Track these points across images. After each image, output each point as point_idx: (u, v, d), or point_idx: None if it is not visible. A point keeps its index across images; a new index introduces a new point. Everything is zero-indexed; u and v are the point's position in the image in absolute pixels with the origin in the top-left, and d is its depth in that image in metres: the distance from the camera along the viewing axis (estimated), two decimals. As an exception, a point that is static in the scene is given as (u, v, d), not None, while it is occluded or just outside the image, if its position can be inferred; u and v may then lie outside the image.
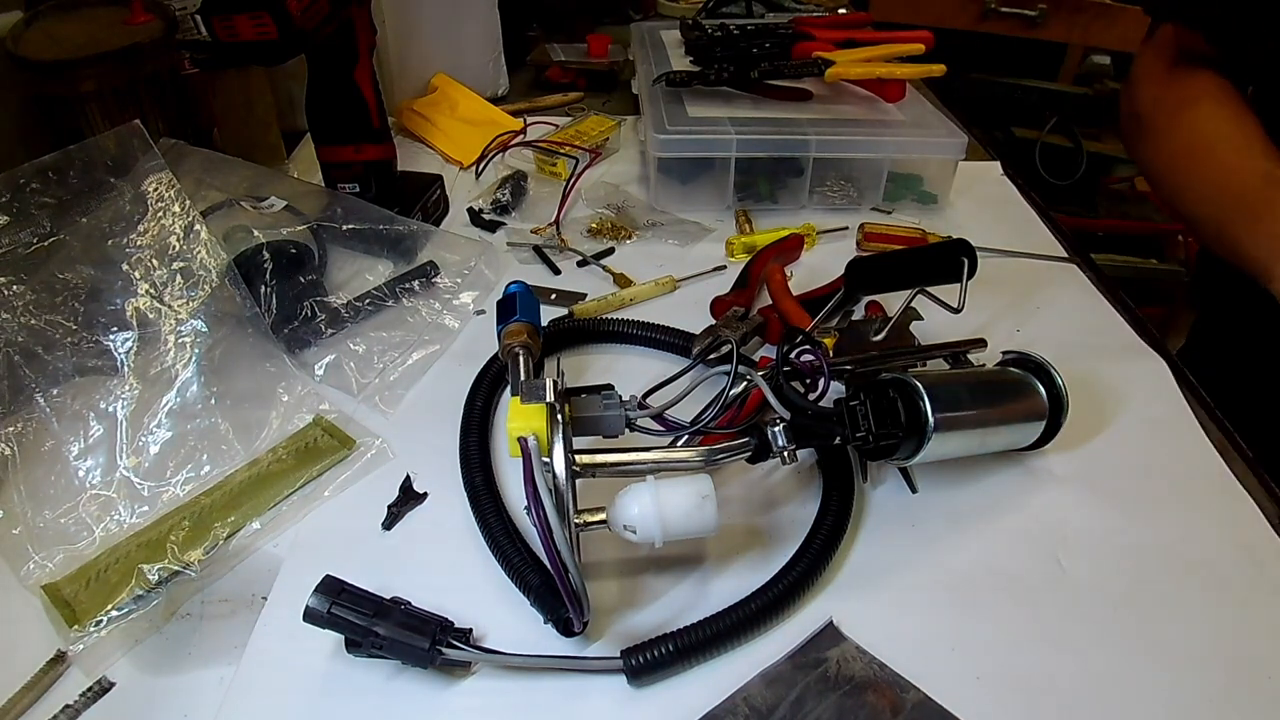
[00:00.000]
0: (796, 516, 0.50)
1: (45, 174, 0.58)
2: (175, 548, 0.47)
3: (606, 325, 0.64)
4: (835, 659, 0.42)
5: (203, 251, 0.60)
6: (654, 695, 0.41)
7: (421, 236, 0.72)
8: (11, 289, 0.55)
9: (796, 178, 0.81)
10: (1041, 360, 0.52)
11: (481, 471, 0.51)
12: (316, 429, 0.56)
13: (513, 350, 0.53)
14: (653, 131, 0.78)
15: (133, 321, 0.57)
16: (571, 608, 0.40)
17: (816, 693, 0.40)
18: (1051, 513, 0.50)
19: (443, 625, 0.41)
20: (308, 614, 0.39)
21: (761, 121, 0.80)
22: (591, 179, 0.88)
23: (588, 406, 0.47)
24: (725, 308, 0.63)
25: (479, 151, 0.91)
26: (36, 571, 0.47)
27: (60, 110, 0.69)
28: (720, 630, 0.42)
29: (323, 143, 0.73)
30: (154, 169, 0.61)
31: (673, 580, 0.46)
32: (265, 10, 0.58)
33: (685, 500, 0.41)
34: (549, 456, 0.41)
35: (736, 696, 0.40)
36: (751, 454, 0.45)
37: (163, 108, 0.73)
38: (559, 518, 0.38)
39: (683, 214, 0.81)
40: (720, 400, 0.49)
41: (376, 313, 0.66)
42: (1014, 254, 0.74)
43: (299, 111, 0.81)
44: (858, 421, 0.46)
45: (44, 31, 0.72)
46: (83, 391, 0.55)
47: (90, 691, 0.41)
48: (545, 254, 0.75)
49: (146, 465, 0.52)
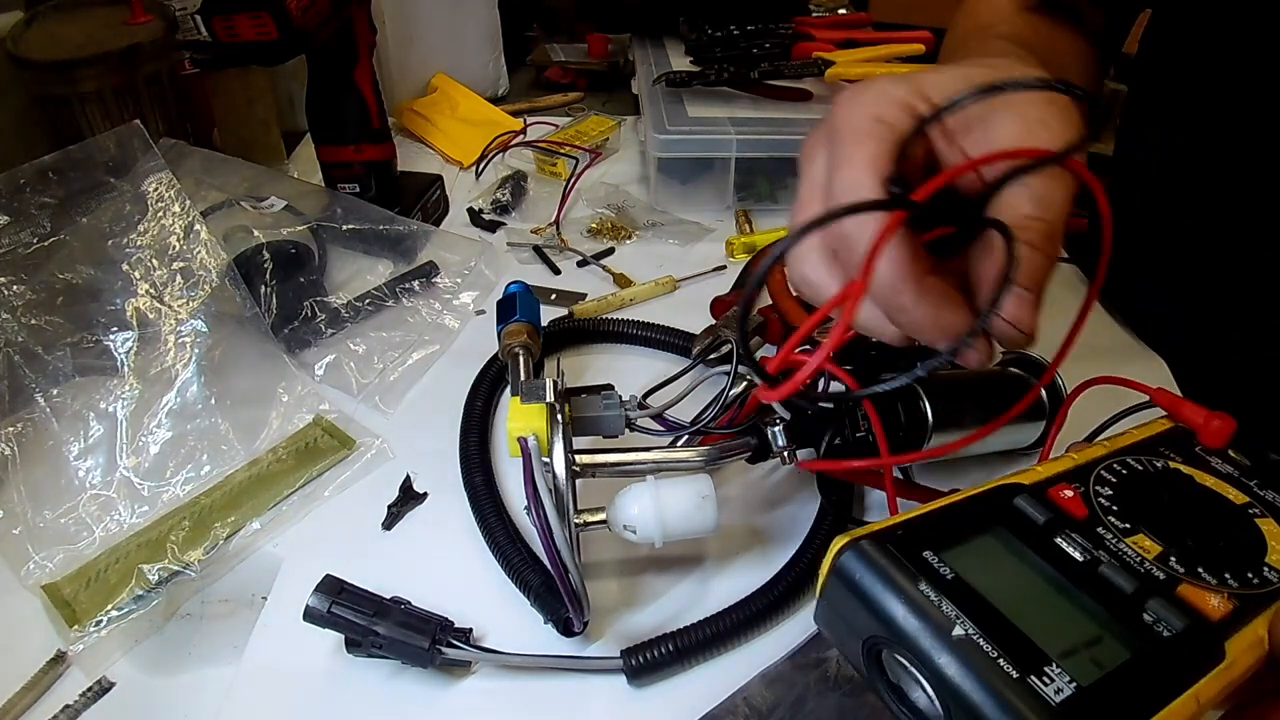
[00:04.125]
0: (796, 516, 0.50)
1: (45, 174, 0.58)
2: (175, 548, 0.47)
3: (606, 325, 0.64)
4: (835, 659, 0.42)
5: (203, 251, 0.60)
6: (654, 695, 0.41)
7: (421, 236, 0.72)
8: (11, 289, 0.55)
9: (796, 178, 0.81)
10: (1041, 360, 0.52)
11: (481, 471, 0.51)
12: (316, 429, 0.56)
13: (513, 350, 0.53)
14: (653, 131, 0.78)
15: (133, 321, 0.57)
16: (571, 608, 0.40)
17: (817, 693, 0.40)
18: (1051, 513, 0.50)
19: (443, 625, 0.41)
20: (308, 614, 0.39)
21: (761, 121, 0.80)
22: (591, 179, 0.88)
23: (588, 406, 0.47)
24: (725, 308, 0.63)
25: (479, 151, 0.91)
26: (36, 571, 0.47)
27: (60, 110, 0.69)
28: (720, 630, 0.42)
29: (323, 143, 0.73)
30: (154, 169, 0.61)
31: (673, 580, 0.46)
32: (265, 10, 0.58)
33: (685, 500, 0.41)
34: (549, 456, 0.41)
35: (736, 697, 0.40)
36: (751, 454, 0.45)
37: (163, 108, 0.74)
38: (559, 518, 0.38)
39: (683, 214, 0.81)
40: (720, 400, 0.49)
41: (376, 313, 0.66)
42: (1014, 254, 0.74)
43: (299, 111, 0.82)
44: (858, 421, 0.46)
45: (44, 31, 0.72)
46: (83, 391, 0.55)
47: (90, 691, 0.41)
48: (545, 254, 0.75)
49: (146, 465, 0.52)
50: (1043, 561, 0.28)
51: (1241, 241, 0.60)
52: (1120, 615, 0.26)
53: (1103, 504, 0.31)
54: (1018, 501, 0.30)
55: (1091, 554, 0.28)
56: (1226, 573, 0.28)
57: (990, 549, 0.28)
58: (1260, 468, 0.35)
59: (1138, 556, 0.29)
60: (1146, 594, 0.27)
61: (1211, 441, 0.36)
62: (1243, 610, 0.27)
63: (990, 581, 0.26)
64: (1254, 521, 0.31)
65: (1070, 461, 0.34)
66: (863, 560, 0.27)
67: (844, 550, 0.27)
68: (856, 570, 0.27)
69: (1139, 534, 0.30)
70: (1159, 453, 0.35)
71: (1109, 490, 0.32)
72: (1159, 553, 0.29)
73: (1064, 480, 0.32)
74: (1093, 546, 0.29)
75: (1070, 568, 0.28)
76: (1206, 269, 0.63)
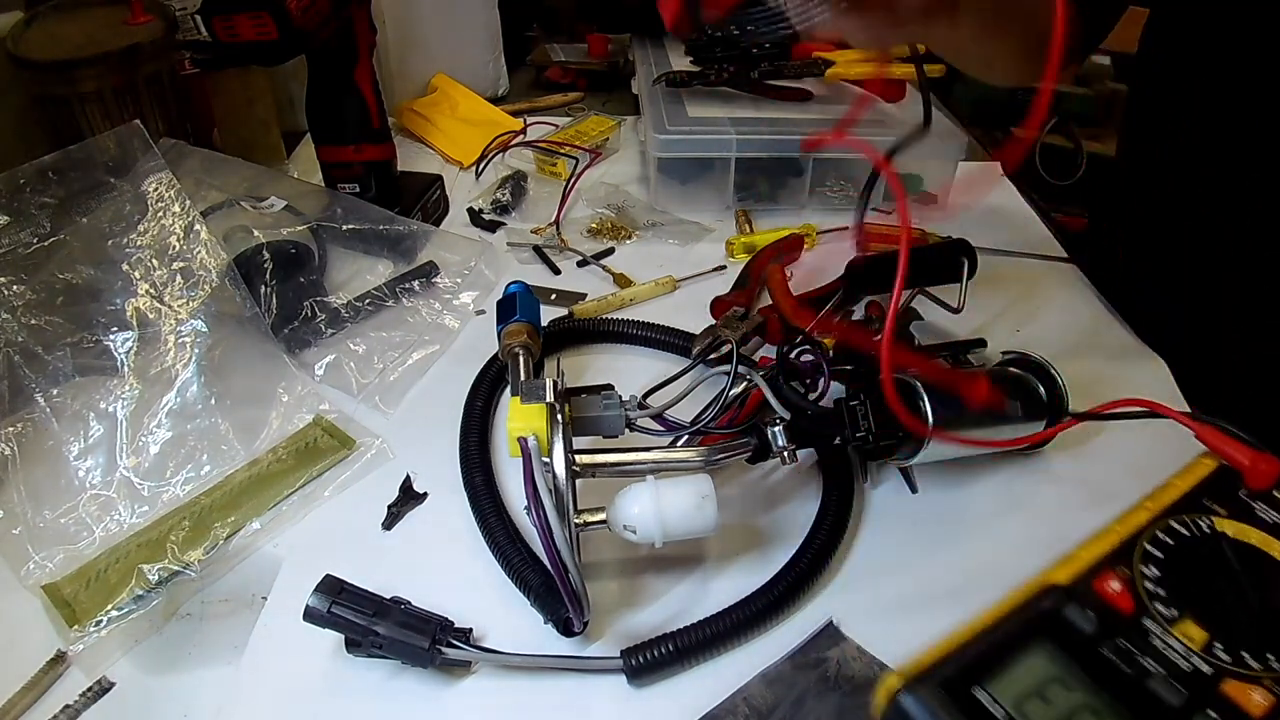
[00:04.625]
0: (796, 516, 0.50)
1: (45, 174, 0.58)
2: (175, 548, 0.47)
3: (606, 325, 0.64)
4: (835, 659, 0.42)
5: (203, 251, 0.60)
6: (654, 695, 0.41)
7: (421, 236, 0.72)
8: (11, 289, 0.55)
9: (796, 178, 0.81)
10: (1041, 360, 0.52)
11: (481, 471, 0.51)
12: (316, 429, 0.56)
13: (513, 350, 0.53)
14: (653, 131, 0.78)
15: (133, 321, 0.57)
16: (571, 608, 0.40)
17: (816, 693, 0.40)
18: (1052, 513, 0.50)
19: (443, 625, 0.41)
20: (308, 613, 0.39)
21: (761, 121, 0.80)
22: (591, 179, 0.88)
23: (588, 406, 0.47)
24: (725, 308, 0.63)
25: (479, 151, 0.91)
26: (36, 571, 0.47)
27: (60, 110, 0.70)
28: (720, 630, 0.42)
29: (323, 143, 0.73)
30: (154, 169, 0.61)
31: (673, 580, 0.46)
32: (265, 10, 0.58)
33: (685, 500, 0.41)
34: (549, 456, 0.41)
35: (736, 697, 0.40)
36: (751, 454, 0.45)
37: (163, 108, 0.74)
38: (559, 518, 0.38)
39: (683, 214, 0.81)
40: (720, 400, 0.49)
41: (376, 313, 0.66)
42: (1014, 254, 0.74)
43: (299, 111, 0.82)
44: (858, 421, 0.46)
45: (44, 31, 0.72)
46: (83, 391, 0.55)
47: (90, 691, 0.41)
48: (545, 254, 0.75)
49: (146, 465, 0.52)
50: (1090, 680, 0.28)
51: (1242, 242, 0.60)
52: None
53: (1149, 589, 0.31)
54: (1066, 612, 0.30)
55: (1139, 663, 0.29)
56: (1269, 652, 0.29)
57: (1037, 671, 0.29)
58: None
59: (1184, 649, 0.29)
60: (1193, 708, 0.27)
61: (1257, 484, 0.35)
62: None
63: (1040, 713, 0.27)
64: None
65: (1115, 537, 0.33)
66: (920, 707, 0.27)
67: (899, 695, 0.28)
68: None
69: (1186, 620, 0.30)
70: (1203, 506, 0.35)
71: (1155, 570, 0.32)
72: (1205, 641, 0.30)
73: (1107, 565, 0.32)
74: (1139, 653, 0.29)
75: (1118, 683, 0.28)
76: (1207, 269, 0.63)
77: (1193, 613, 0.31)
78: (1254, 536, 0.33)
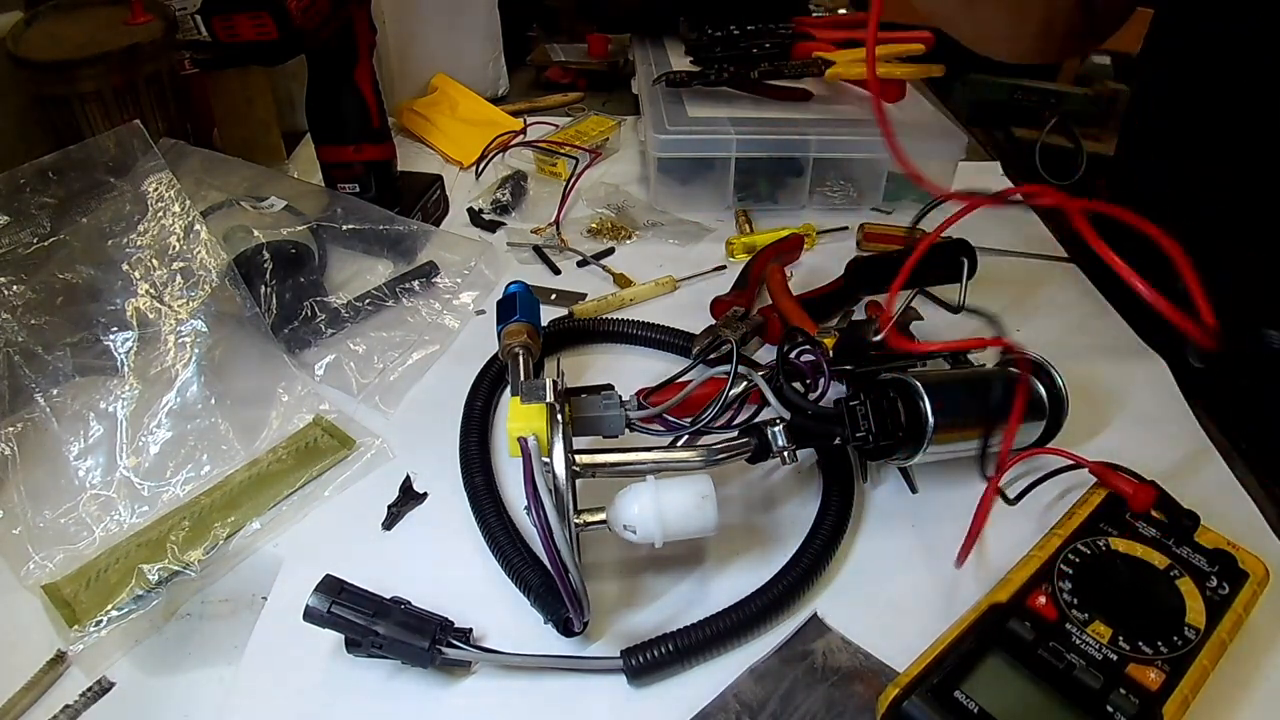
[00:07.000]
0: (796, 516, 0.50)
1: (45, 174, 0.58)
2: (175, 548, 0.47)
3: (606, 325, 0.64)
4: (821, 650, 0.42)
5: (203, 251, 0.60)
6: (654, 695, 0.41)
7: (421, 236, 0.72)
8: (11, 289, 0.55)
9: (796, 178, 0.81)
10: (1041, 360, 0.52)
11: (481, 471, 0.51)
12: (316, 429, 0.56)
13: (513, 350, 0.53)
14: (653, 131, 0.78)
15: (133, 321, 0.57)
16: (571, 608, 0.40)
17: (805, 685, 0.40)
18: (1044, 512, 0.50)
19: (443, 625, 0.41)
20: (308, 613, 0.39)
21: (761, 121, 0.80)
22: (591, 179, 0.88)
23: (588, 406, 0.47)
24: (725, 308, 0.63)
25: (479, 151, 0.91)
26: (36, 571, 0.47)
27: (60, 110, 0.70)
28: (720, 630, 0.42)
29: (323, 143, 0.73)
30: (154, 169, 0.61)
31: (673, 580, 0.46)
32: (265, 10, 0.58)
33: (685, 500, 0.41)
34: (549, 456, 0.41)
35: (727, 694, 0.40)
36: (751, 454, 0.45)
37: (163, 108, 0.74)
38: (559, 518, 0.38)
39: (683, 214, 0.81)
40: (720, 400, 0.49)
41: (376, 313, 0.66)
42: (1014, 254, 0.74)
43: (299, 111, 0.82)
44: (858, 421, 0.47)
45: (44, 31, 0.72)
46: (83, 391, 0.55)
47: (90, 691, 0.41)
48: (545, 254, 0.75)
49: (146, 465, 0.52)
50: (1035, 675, 0.37)
51: (1242, 242, 0.60)
52: (1093, 710, 0.35)
53: (1066, 599, 0.40)
54: (1010, 625, 0.39)
55: (1066, 658, 0.38)
56: (1159, 640, 0.38)
57: (996, 672, 0.37)
58: (1175, 526, 0.44)
59: (1096, 644, 0.38)
60: (1108, 688, 0.36)
61: (1138, 508, 0.45)
62: (1173, 675, 0.37)
63: (1002, 704, 0.36)
64: (1175, 584, 0.41)
65: (1036, 561, 0.42)
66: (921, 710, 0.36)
67: (898, 702, 0.36)
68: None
69: (1095, 621, 0.39)
70: (1099, 529, 0.44)
71: (1068, 584, 0.41)
72: (1110, 635, 0.39)
73: (1034, 584, 0.41)
74: (1066, 650, 0.38)
75: (1055, 675, 0.37)
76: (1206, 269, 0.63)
77: (1100, 615, 0.39)
78: (1139, 550, 0.43)
